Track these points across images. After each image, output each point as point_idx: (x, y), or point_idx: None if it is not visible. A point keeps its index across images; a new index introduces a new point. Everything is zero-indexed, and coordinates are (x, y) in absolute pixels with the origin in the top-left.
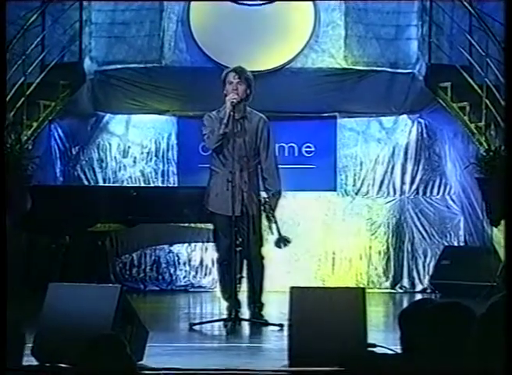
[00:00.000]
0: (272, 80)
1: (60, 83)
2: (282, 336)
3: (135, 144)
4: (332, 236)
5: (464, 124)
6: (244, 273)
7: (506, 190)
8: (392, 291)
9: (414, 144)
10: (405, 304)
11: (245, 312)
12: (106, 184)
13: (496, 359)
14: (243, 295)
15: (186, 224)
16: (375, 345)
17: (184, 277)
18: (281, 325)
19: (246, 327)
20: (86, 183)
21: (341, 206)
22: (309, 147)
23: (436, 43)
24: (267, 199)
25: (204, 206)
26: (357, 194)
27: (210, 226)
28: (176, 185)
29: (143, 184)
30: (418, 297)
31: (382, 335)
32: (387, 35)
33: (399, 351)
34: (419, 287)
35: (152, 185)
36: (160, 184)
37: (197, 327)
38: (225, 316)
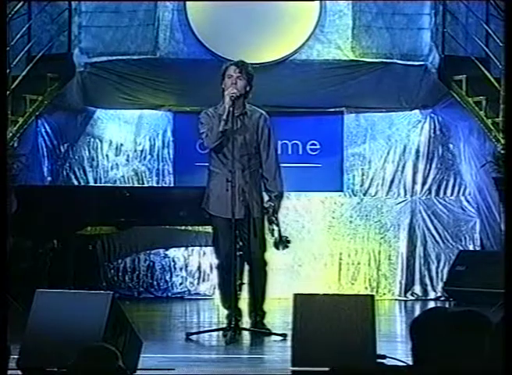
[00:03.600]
0: (274, 73)
1: (48, 76)
2: (285, 346)
3: (128, 142)
4: (338, 239)
5: (480, 120)
6: (245, 280)
7: (506, 192)
8: (403, 298)
9: (427, 141)
10: (417, 312)
11: (246, 321)
12: (97, 184)
13: None
14: (243, 303)
15: (183, 227)
16: (384, 357)
17: (181, 284)
18: (284, 335)
19: (247, 337)
20: (75, 183)
21: (348, 208)
22: (314, 144)
23: (450, 33)
24: (269, 202)
25: (203, 210)
26: (365, 194)
27: (208, 228)
28: (171, 185)
29: (136, 184)
30: (431, 305)
31: (393, 346)
32: (398, 25)
33: (410, 362)
34: (432, 295)
35: (146, 185)
36: (155, 184)
37: (194, 337)
38: (224, 325)
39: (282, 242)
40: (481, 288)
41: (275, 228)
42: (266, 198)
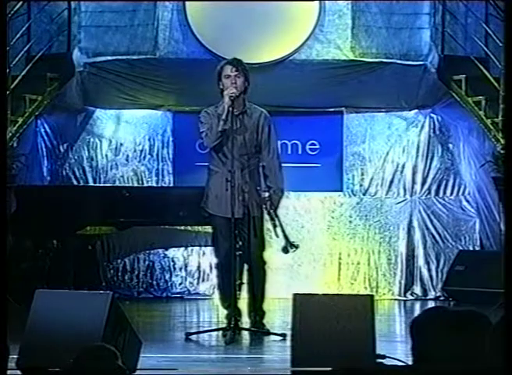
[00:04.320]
0: (274, 73)
1: (47, 76)
2: (284, 346)
3: (127, 142)
4: (338, 239)
5: (479, 119)
6: (245, 279)
7: (506, 192)
8: (403, 298)
9: (426, 141)
10: (417, 312)
11: (245, 321)
12: (96, 184)
13: None
14: (243, 303)
15: (183, 227)
16: (384, 356)
17: (180, 284)
18: (283, 334)
19: (246, 337)
20: (75, 182)
21: (348, 207)
22: (313, 144)
23: (450, 33)
24: (268, 197)
25: (202, 209)
26: (364, 194)
27: (208, 228)
28: (171, 185)
29: (136, 184)
30: (431, 304)
31: (392, 346)
32: (397, 24)
33: (410, 362)
34: (431, 295)
35: (146, 185)
36: (154, 184)
37: (193, 337)
38: (223, 325)
39: (290, 245)
40: (480, 288)
41: (278, 229)
42: (266, 194)
